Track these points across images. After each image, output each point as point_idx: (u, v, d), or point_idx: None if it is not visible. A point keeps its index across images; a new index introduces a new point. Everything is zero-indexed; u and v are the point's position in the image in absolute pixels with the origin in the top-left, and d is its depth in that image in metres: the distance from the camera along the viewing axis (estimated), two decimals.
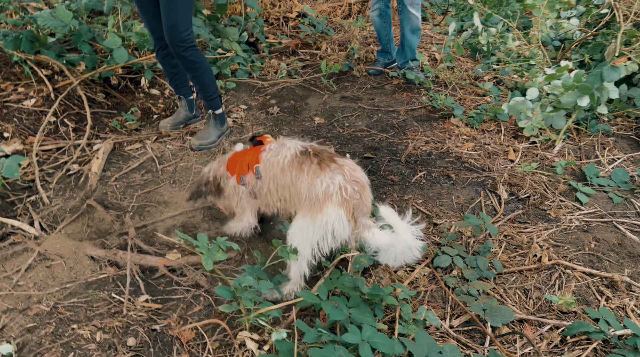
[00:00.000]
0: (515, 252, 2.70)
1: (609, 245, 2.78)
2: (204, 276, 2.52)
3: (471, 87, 5.19)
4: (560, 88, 4.42)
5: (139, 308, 2.32)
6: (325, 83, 5.19)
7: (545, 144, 4.13)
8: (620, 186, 3.50)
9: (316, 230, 2.15)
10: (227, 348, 2.11)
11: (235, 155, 2.72)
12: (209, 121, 3.94)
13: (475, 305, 2.28)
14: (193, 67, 3.60)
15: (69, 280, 2.50)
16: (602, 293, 2.42)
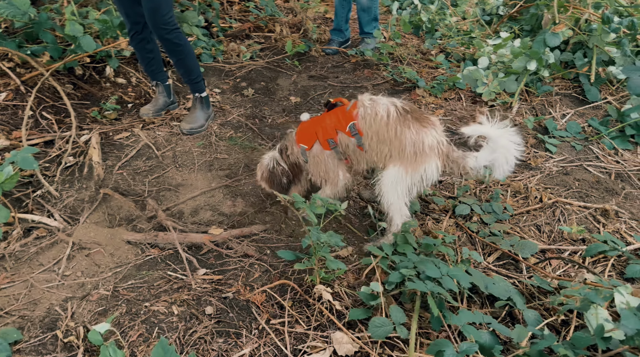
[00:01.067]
0: (518, 196, 3.08)
1: (589, 183, 3.25)
2: (251, 247, 2.62)
3: (423, 61, 5.56)
4: (508, 55, 4.91)
5: (201, 281, 2.38)
6: (290, 64, 5.32)
7: (504, 106, 4.59)
8: (575, 136, 4.03)
9: (413, 180, 2.39)
10: (302, 304, 2.26)
11: (306, 125, 2.69)
12: (195, 105, 3.94)
13: (503, 242, 2.61)
14: (177, 50, 3.60)
15: (116, 265, 2.49)
16: (598, 221, 2.87)
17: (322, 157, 2.64)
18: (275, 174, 2.78)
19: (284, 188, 2.83)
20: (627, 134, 3.95)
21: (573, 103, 4.61)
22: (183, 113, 4.15)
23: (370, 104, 2.48)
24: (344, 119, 2.55)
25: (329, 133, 2.58)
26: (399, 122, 2.42)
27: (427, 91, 4.80)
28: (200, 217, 2.90)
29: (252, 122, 4.09)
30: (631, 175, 3.50)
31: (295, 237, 2.74)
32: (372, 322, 1.90)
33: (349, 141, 2.56)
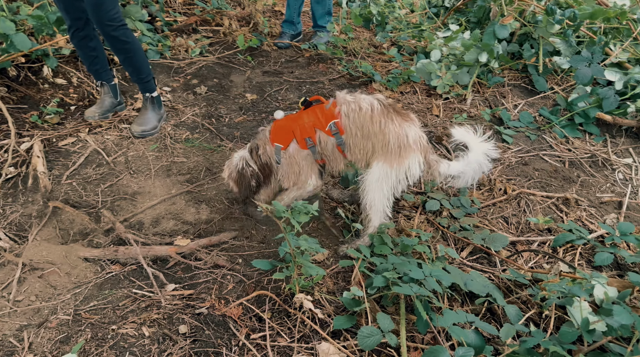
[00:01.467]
0: (483, 189, 3.12)
1: (548, 173, 3.35)
2: (221, 256, 2.50)
3: (376, 55, 5.56)
4: (459, 48, 4.99)
5: (171, 297, 2.24)
6: (242, 59, 5.16)
7: (458, 98, 4.65)
8: (528, 126, 4.15)
9: (399, 175, 2.38)
10: (282, 314, 2.17)
11: (282, 123, 2.56)
12: (145, 106, 3.73)
13: (475, 237, 2.63)
14: (125, 48, 3.38)
15: (74, 285, 2.30)
16: (561, 210, 2.95)
17: (298, 158, 2.55)
18: (244, 175, 2.65)
19: (252, 190, 2.71)
20: (576, 123, 4.10)
21: (523, 93, 4.74)
22: (133, 114, 3.92)
23: (353, 100, 2.43)
24: (323, 117, 2.47)
25: (307, 132, 2.49)
26: (383, 115, 2.39)
27: (383, 85, 4.79)
28: (162, 228, 2.74)
29: (209, 122, 3.93)
30: (583, 163, 3.63)
31: (268, 243, 2.64)
32: (360, 332, 1.84)
33: (328, 140, 2.49)
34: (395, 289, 1.91)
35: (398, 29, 6.15)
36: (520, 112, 4.31)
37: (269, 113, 4.20)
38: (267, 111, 4.24)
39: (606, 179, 3.45)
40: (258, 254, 2.55)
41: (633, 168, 3.59)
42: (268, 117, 4.10)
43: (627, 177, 3.52)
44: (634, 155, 3.76)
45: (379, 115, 2.38)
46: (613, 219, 2.87)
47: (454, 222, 2.82)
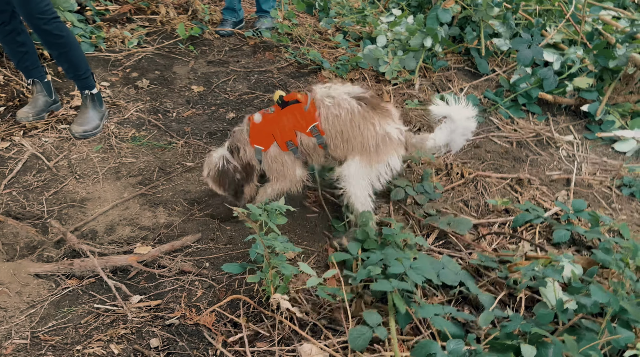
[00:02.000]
0: (441, 174, 3.18)
1: (499, 154, 3.46)
2: (186, 262, 2.39)
3: (322, 41, 5.50)
4: (404, 33, 5.03)
5: (137, 310, 2.12)
6: (183, 49, 4.94)
7: (406, 83, 4.70)
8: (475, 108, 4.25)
9: (379, 173, 2.46)
10: (257, 318, 2.11)
11: (261, 126, 2.53)
12: (85, 104, 3.49)
13: (440, 222, 2.67)
14: (58, 43, 3.14)
15: (27, 305, 2.12)
16: (515, 190, 3.06)
17: (280, 158, 2.56)
18: (227, 172, 2.60)
19: (237, 187, 2.66)
20: (520, 103, 4.25)
21: (467, 76, 4.86)
22: (71, 113, 3.66)
23: (331, 103, 2.42)
24: (303, 119, 2.46)
25: (287, 135, 2.50)
26: (361, 118, 2.42)
27: (332, 72, 4.75)
28: (118, 235, 2.58)
29: (155, 118, 3.74)
30: (529, 142, 3.78)
31: (234, 244, 2.55)
32: (350, 333, 1.82)
33: (309, 141, 2.51)
34: (375, 286, 1.90)
35: (342, 15, 6.10)
36: (467, 95, 4.41)
37: (218, 105, 4.06)
38: (217, 104, 4.09)
39: (552, 157, 3.62)
40: (226, 256, 2.46)
41: (575, 145, 3.78)
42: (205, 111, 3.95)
43: (570, 153, 3.70)
44: (575, 133, 3.96)
45: (358, 119, 2.41)
46: (564, 196, 3.01)
47: (418, 208, 2.85)
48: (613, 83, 4.10)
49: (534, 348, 1.66)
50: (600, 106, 3.94)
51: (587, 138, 3.88)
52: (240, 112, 3.99)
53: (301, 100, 2.50)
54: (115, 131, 3.52)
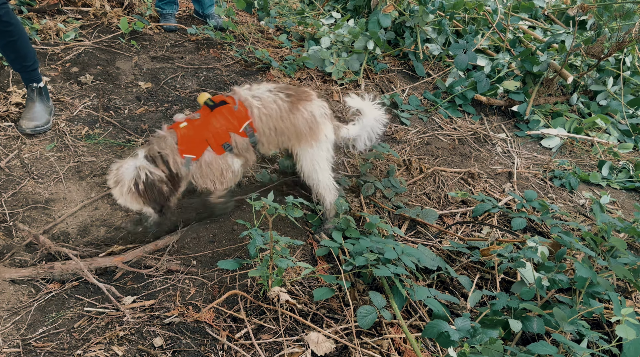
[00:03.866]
0: (401, 169, 3.38)
1: (448, 150, 3.74)
2: (173, 260, 2.36)
3: (265, 40, 5.54)
4: (347, 35, 5.21)
5: (132, 311, 2.07)
6: (124, 44, 4.74)
7: (352, 84, 4.89)
8: (417, 108, 4.54)
9: (323, 149, 2.59)
10: (256, 311, 2.15)
11: (191, 133, 2.39)
12: (32, 98, 3.28)
13: (410, 212, 2.86)
14: (7, 31, 2.94)
15: (10, 313, 1.99)
16: (468, 183, 3.33)
17: (217, 163, 2.49)
18: (153, 185, 2.34)
19: (165, 199, 2.43)
20: (457, 104, 4.59)
21: (406, 79, 5.15)
22: (13, 110, 3.40)
23: (260, 104, 2.48)
24: (235, 119, 2.45)
25: (222, 138, 2.45)
26: (291, 110, 2.52)
27: (281, 71, 4.80)
28: (93, 237, 2.48)
29: (108, 115, 3.58)
30: (468, 139, 4.11)
31: (219, 241, 2.55)
32: (359, 312, 1.92)
33: (243, 141, 2.52)
34: (375, 272, 2.02)
35: (282, 15, 6.16)
36: (409, 96, 4.68)
37: (171, 102, 3.97)
38: (169, 100, 4.00)
39: (490, 153, 3.96)
40: (212, 253, 2.46)
41: (508, 142, 4.17)
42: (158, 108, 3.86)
43: (504, 149, 4.07)
44: (506, 131, 4.36)
45: (287, 112, 2.50)
46: (509, 188, 3.33)
47: (387, 201, 3.01)
48: (537, 86, 4.57)
49: (519, 322, 1.87)
50: (528, 107, 4.37)
51: (518, 136, 4.29)
52: (194, 110, 3.92)
53: (229, 101, 2.48)
54: (67, 129, 3.33)
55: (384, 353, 1.98)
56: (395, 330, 2.05)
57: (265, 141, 2.55)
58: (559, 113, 4.51)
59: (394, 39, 5.55)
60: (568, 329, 1.71)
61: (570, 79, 4.38)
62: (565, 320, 1.74)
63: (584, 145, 4.24)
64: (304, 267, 2.18)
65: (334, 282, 2.18)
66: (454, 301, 2.15)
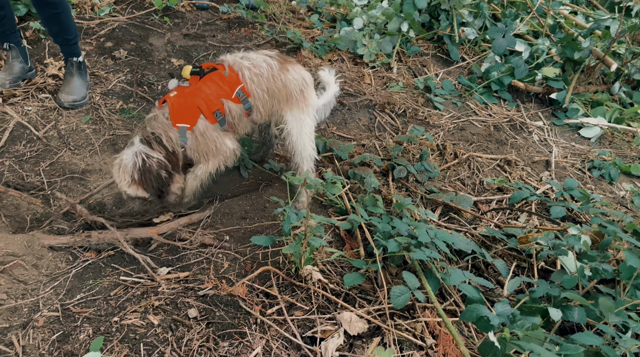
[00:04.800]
0: (434, 154, 3.33)
1: (484, 136, 3.66)
2: (206, 235, 2.38)
3: (296, 21, 5.49)
4: (380, 17, 5.13)
5: (166, 282, 2.09)
6: (157, 20, 4.76)
7: (383, 67, 4.82)
8: (451, 93, 4.46)
9: (311, 115, 2.60)
10: (288, 289, 2.16)
11: (182, 101, 2.31)
12: (71, 72, 3.32)
13: (445, 197, 2.82)
14: (52, 3, 2.97)
15: (48, 278, 2.03)
16: (505, 170, 3.27)
17: (209, 133, 2.39)
18: (150, 170, 2.25)
19: (165, 184, 2.34)
20: (492, 90, 4.49)
21: (439, 63, 5.05)
22: (50, 82, 3.45)
23: (251, 64, 2.43)
24: (226, 84, 2.37)
25: (214, 104, 2.35)
26: (282, 71, 2.48)
27: (312, 52, 4.76)
28: (129, 208, 2.52)
29: (142, 90, 3.60)
30: (504, 126, 4.03)
31: (250, 218, 2.56)
32: (392, 292, 1.91)
33: (236, 108, 2.42)
34: (411, 255, 2.00)
35: None
36: (443, 80, 4.59)
37: None
38: None
39: (526, 141, 3.88)
40: (244, 229, 2.47)
41: (545, 130, 4.06)
42: None
43: (541, 138, 3.98)
44: (543, 119, 4.25)
45: (279, 73, 2.46)
46: (547, 177, 3.26)
47: (419, 186, 2.98)
48: (577, 74, 4.43)
49: (559, 311, 1.83)
50: (567, 95, 4.25)
51: (555, 124, 4.18)
52: None
53: (218, 67, 2.41)
54: (102, 102, 3.37)
55: (417, 336, 1.96)
56: (429, 314, 2.03)
57: (259, 106, 2.48)
58: (600, 102, 4.37)
59: (428, 21, 5.43)
60: (614, 321, 1.67)
61: (614, 66, 4.24)
62: (612, 310, 1.69)
63: (625, 136, 4.11)
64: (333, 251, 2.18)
65: (364, 266, 2.17)
66: (489, 286, 2.11)
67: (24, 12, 4.00)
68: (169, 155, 2.34)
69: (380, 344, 1.87)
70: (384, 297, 2.06)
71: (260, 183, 2.90)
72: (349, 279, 2.07)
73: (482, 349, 1.56)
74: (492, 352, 1.51)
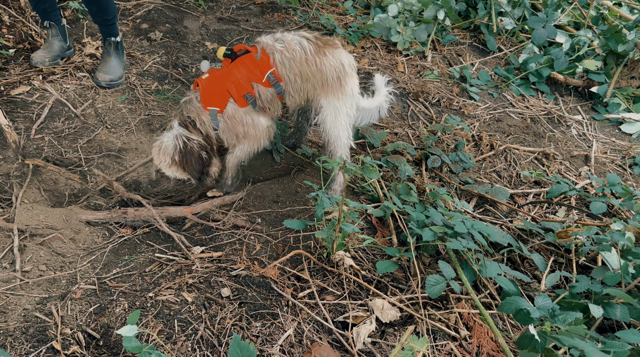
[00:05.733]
0: (469, 145, 3.26)
1: (521, 128, 3.58)
2: (239, 217, 2.39)
3: (330, 7, 5.44)
4: (416, 4, 5.03)
5: (200, 260, 2.11)
6: (192, 3, 4.77)
7: (417, 55, 4.74)
8: (487, 84, 4.36)
9: (348, 103, 2.47)
10: (319, 273, 2.15)
11: (212, 83, 2.33)
12: (109, 51, 3.35)
13: (479, 189, 2.77)
14: None
15: (86, 252, 2.07)
16: (542, 163, 3.19)
17: (239, 116, 2.38)
18: (191, 152, 2.30)
19: (205, 165, 2.40)
20: (530, 81, 4.37)
21: (475, 52, 4.94)
22: (87, 61, 3.50)
23: (283, 47, 2.33)
24: (257, 68, 2.33)
25: (244, 87, 2.33)
26: (317, 54, 2.37)
27: (345, 39, 4.71)
28: (163, 187, 2.54)
29: (177, 72, 3.63)
30: (542, 119, 3.92)
31: (282, 201, 2.55)
32: (427, 281, 1.89)
33: (267, 92, 2.39)
34: (448, 244, 1.97)
35: None
36: (479, 70, 4.50)
37: None
38: None
39: (564, 135, 3.77)
40: (276, 213, 2.47)
41: (584, 125, 3.95)
42: None
43: (580, 132, 3.86)
44: (582, 113, 4.13)
45: (313, 56, 2.36)
46: (587, 172, 3.17)
47: (453, 176, 2.93)
48: (619, 67, 4.28)
49: (600, 308, 1.77)
50: (609, 89, 4.11)
51: (595, 119, 4.05)
52: None
53: (251, 50, 2.37)
54: (137, 82, 3.40)
55: (451, 327, 1.94)
56: (463, 305, 2.00)
57: (291, 90, 2.41)
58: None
59: (465, 10, 5.33)
60: None
61: None
62: None
63: None
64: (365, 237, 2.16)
65: (397, 255, 2.15)
66: (526, 280, 2.07)
67: None
68: (204, 138, 2.37)
69: (413, 333, 1.85)
70: (417, 286, 2.04)
71: (292, 168, 2.90)
72: (381, 266, 2.05)
73: (520, 342, 1.52)
74: (532, 345, 1.48)
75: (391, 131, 3.36)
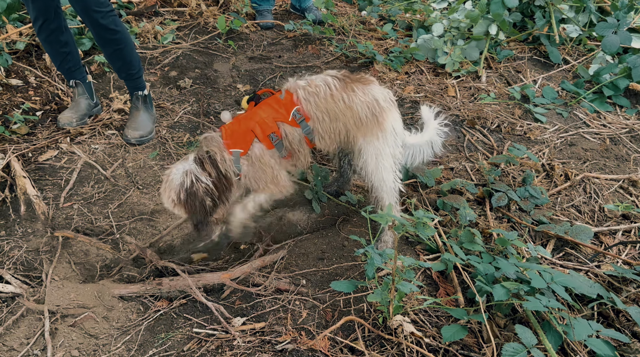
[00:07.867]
0: (539, 176, 3.14)
1: (599, 152, 3.42)
2: (282, 279, 2.37)
3: (367, 32, 5.49)
4: (463, 20, 5.00)
5: (241, 333, 2.09)
6: (221, 44, 4.95)
7: (469, 76, 4.67)
8: (554, 102, 4.22)
9: (390, 142, 2.44)
10: (375, 342, 2.08)
11: (237, 125, 2.40)
12: (137, 106, 3.49)
13: (557, 229, 2.63)
14: (114, 39, 3.15)
15: (120, 332, 2.10)
16: (630, 193, 3.02)
17: (266, 158, 2.40)
18: (195, 194, 2.30)
19: (207, 212, 2.38)
20: (605, 95, 4.20)
21: (537, 66, 4.83)
22: (116, 118, 3.66)
23: (307, 84, 2.38)
24: (282, 107, 2.38)
25: (269, 127, 2.37)
26: (343, 90, 2.38)
27: (386, 66, 4.73)
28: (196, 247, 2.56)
29: (208, 121, 3.73)
30: (623, 138, 3.74)
31: (328, 257, 2.52)
32: (504, 349, 1.79)
33: (294, 132, 2.41)
34: (525, 304, 1.86)
35: (386, 2, 6.10)
36: (543, 87, 4.38)
37: None
38: None
39: None
40: (322, 272, 2.43)
41: None
42: None
43: None
44: None
45: (339, 92, 2.37)
46: None
47: (524, 215, 2.81)
48: None
49: None
50: None
51: None
52: None
53: (274, 91, 2.45)
54: (168, 136, 3.51)
55: None
56: None
57: (320, 130, 2.41)
58: None
59: (520, 21, 5.25)
60: None
61: None
62: None
63: None
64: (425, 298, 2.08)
65: (465, 317, 2.05)
66: (624, 340, 1.92)
67: (88, 46, 4.31)
68: (219, 178, 2.37)
69: None
70: (492, 355, 1.93)
71: (336, 218, 2.87)
72: (447, 332, 1.96)
73: None
74: None
75: (446, 166, 3.29)
